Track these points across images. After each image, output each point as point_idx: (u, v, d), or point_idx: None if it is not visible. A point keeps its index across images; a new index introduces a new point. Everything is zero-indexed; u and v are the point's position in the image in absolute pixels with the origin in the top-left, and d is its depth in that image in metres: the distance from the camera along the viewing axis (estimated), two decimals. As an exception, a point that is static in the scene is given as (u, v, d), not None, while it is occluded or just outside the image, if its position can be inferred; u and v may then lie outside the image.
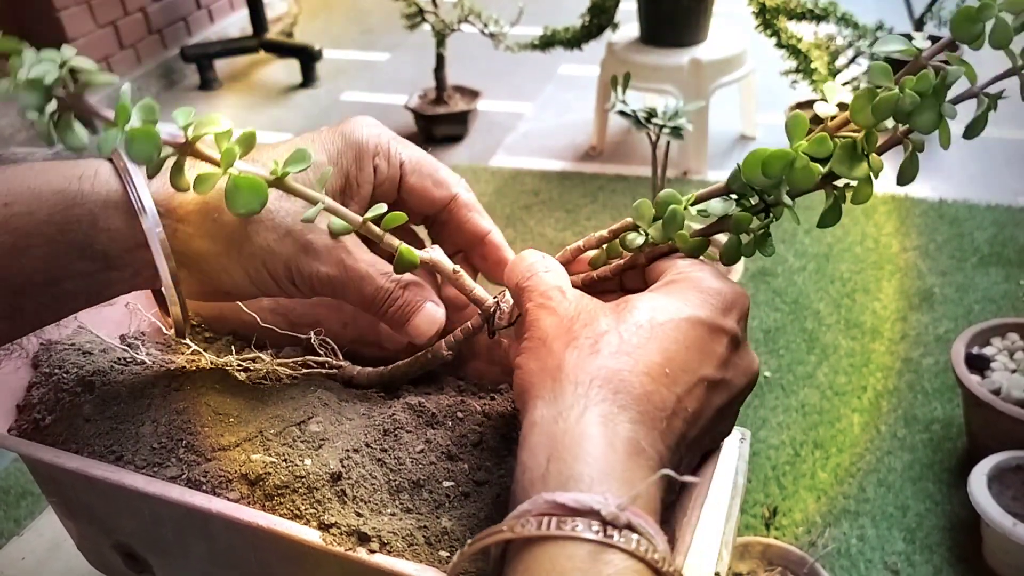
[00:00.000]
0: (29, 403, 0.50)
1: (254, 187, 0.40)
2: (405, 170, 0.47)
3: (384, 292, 0.45)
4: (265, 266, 0.44)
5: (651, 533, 0.33)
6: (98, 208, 0.41)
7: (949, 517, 1.57)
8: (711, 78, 2.56)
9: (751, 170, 0.41)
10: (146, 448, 0.45)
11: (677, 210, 0.44)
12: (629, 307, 0.40)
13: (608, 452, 0.35)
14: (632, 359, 0.37)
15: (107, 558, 0.54)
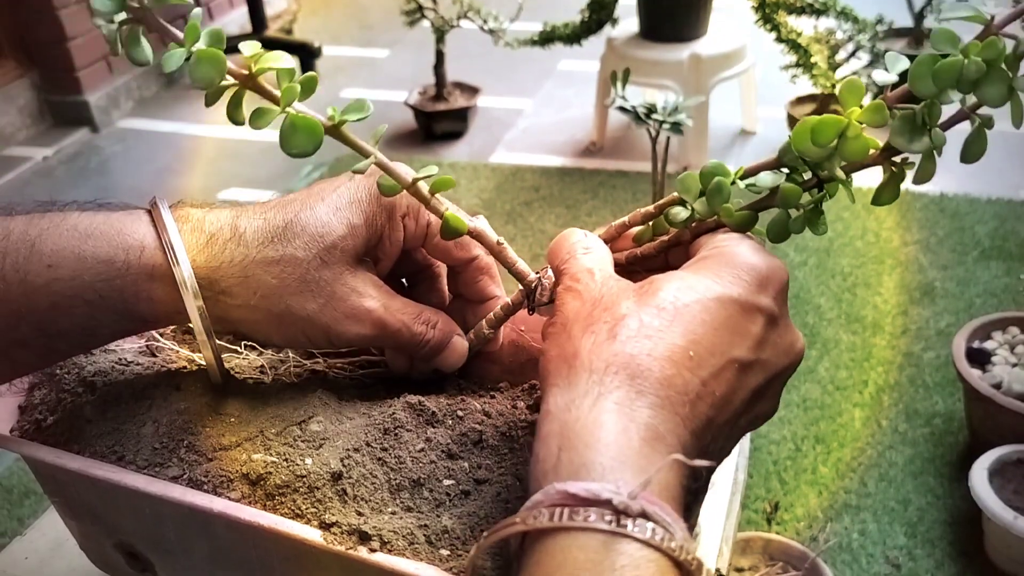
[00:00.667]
0: (31, 403, 0.50)
1: (311, 128, 0.40)
2: (431, 231, 0.49)
3: (419, 337, 0.48)
4: (305, 334, 0.46)
5: (668, 521, 0.32)
6: (142, 280, 0.43)
7: (950, 511, 1.57)
8: (711, 73, 2.56)
9: (801, 139, 0.39)
10: (147, 448, 0.46)
11: (723, 183, 0.42)
12: (653, 288, 0.38)
13: (622, 439, 0.34)
14: (652, 343, 0.36)
15: (109, 557, 0.54)
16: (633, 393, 0.35)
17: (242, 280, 0.44)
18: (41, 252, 0.42)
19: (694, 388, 0.36)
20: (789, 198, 0.41)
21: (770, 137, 2.85)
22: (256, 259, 0.44)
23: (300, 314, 0.44)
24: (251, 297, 0.44)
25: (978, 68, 0.35)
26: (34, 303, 0.42)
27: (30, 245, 0.42)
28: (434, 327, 0.49)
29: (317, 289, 0.44)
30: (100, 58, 3.16)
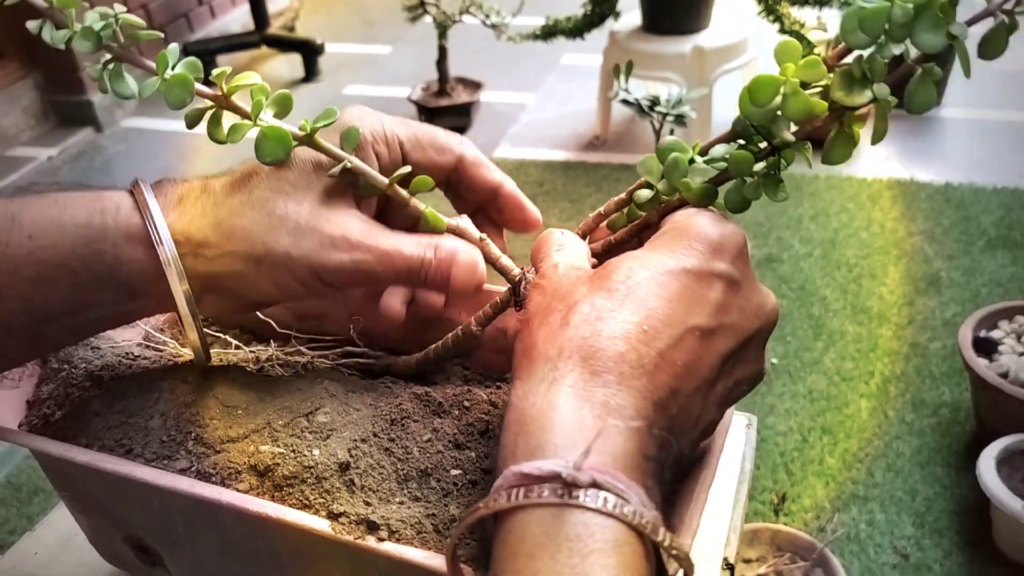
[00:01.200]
0: (39, 399, 0.50)
1: (280, 138, 0.42)
2: (406, 149, 0.47)
3: (416, 260, 0.45)
4: (289, 272, 0.44)
5: (620, 488, 0.32)
6: (120, 241, 0.42)
7: (958, 501, 1.57)
8: (714, 65, 2.55)
9: (744, 102, 0.39)
10: (155, 441, 0.46)
11: (679, 158, 0.43)
12: (606, 272, 0.39)
13: (576, 418, 0.34)
14: (603, 323, 0.36)
15: (118, 551, 0.54)
16: (587, 374, 0.35)
17: (215, 227, 0.43)
18: (22, 224, 0.42)
19: (650, 360, 0.36)
20: (741, 166, 0.41)
21: (774, 129, 2.84)
22: (225, 204, 0.44)
23: (278, 251, 0.43)
24: (226, 243, 0.43)
25: (904, 12, 0.34)
26: (17, 277, 0.41)
27: (11, 219, 0.42)
28: (432, 247, 0.46)
29: (287, 223, 0.43)
30: (103, 57, 3.16)
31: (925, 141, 2.73)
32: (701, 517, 0.40)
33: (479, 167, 0.49)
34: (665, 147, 0.43)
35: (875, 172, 2.56)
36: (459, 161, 0.48)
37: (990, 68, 3.14)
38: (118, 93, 0.42)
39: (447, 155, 0.48)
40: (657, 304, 0.37)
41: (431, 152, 0.47)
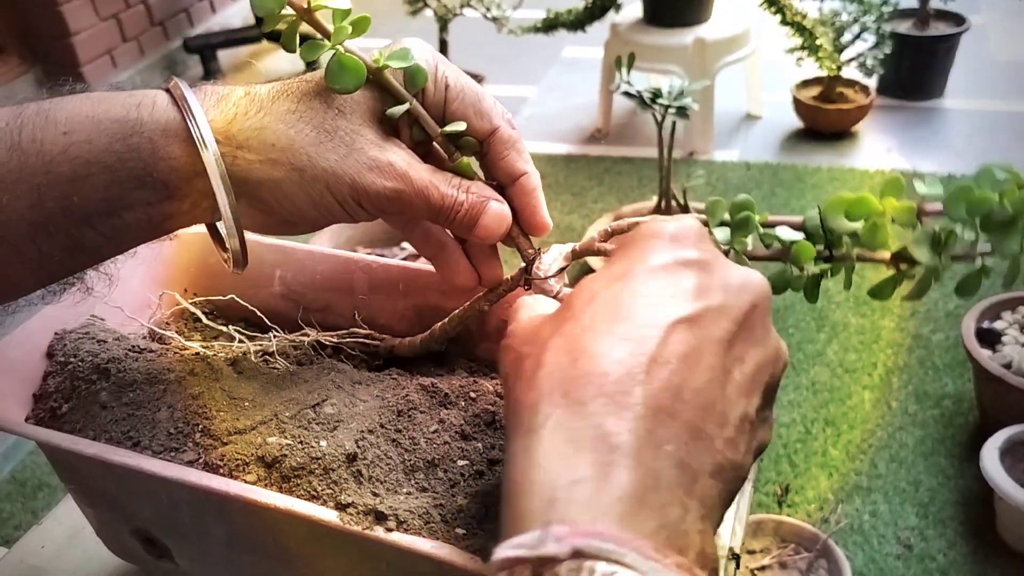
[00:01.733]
0: (45, 392, 0.51)
1: (355, 69, 0.43)
2: (449, 95, 0.46)
3: (450, 199, 0.45)
4: (329, 189, 0.43)
5: (610, 550, 0.28)
6: (157, 136, 0.41)
7: (962, 491, 1.57)
8: (716, 57, 2.55)
9: (835, 209, 0.42)
10: (163, 433, 0.46)
11: (752, 218, 0.44)
12: (570, 299, 0.37)
13: (560, 470, 0.30)
14: (579, 347, 0.34)
15: (126, 544, 0.55)
16: (572, 408, 0.32)
17: (258, 132, 0.42)
18: (56, 120, 0.41)
19: (640, 367, 0.32)
20: (801, 256, 0.43)
21: (776, 121, 2.84)
22: (271, 110, 0.43)
23: (322, 165, 0.42)
24: (270, 150, 0.42)
25: (1005, 214, 0.39)
26: (54, 175, 0.40)
27: (44, 116, 0.41)
28: (467, 190, 0.46)
29: (336, 138, 0.43)
30: (104, 53, 3.16)
31: (927, 132, 2.72)
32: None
33: (510, 148, 0.48)
34: (740, 203, 0.45)
35: (877, 164, 2.56)
36: (493, 133, 0.47)
37: (992, 59, 3.13)
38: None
39: (484, 121, 0.47)
40: (631, 310, 0.34)
41: (471, 111, 0.46)
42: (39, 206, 0.40)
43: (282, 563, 0.47)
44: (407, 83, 0.45)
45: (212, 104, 0.43)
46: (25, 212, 0.40)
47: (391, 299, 0.57)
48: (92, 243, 0.43)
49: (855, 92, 2.71)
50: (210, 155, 0.41)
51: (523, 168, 0.48)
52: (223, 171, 0.41)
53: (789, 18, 2.42)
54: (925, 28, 2.77)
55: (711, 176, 2.54)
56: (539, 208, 0.49)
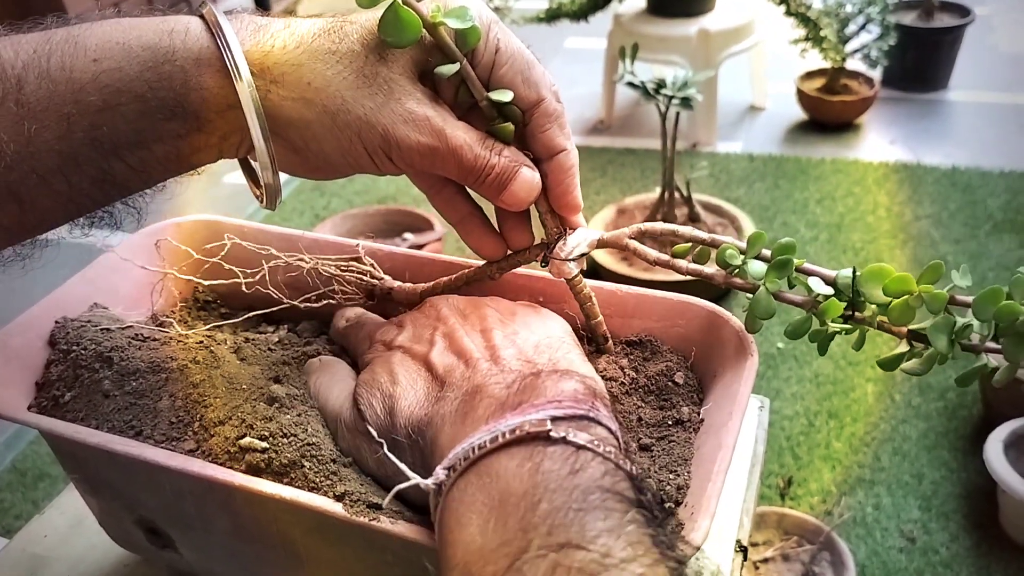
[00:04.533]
0: (48, 380, 0.50)
1: (412, 23, 0.41)
2: (499, 58, 0.45)
3: (482, 160, 0.44)
4: (360, 137, 0.42)
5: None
6: (189, 65, 0.40)
7: (965, 484, 1.56)
8: (719, 48, 2.53)
9: (872, 278, 0.43)
10: (164, 423, 0.45)
11: (791, 261, 0.45)
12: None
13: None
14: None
15: (129, 533, 0.54)
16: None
17: (295, 68, 0.41)
18: (86, 47, 0.39)
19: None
20: (828, 313, 0.44)
21: (780, 113, 2.83)
22: (311, 47, 0.41)
23: (357, 112, 0.41)
24: (305, 89, 0.41)
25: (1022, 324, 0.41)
26: (83, 104, 0.39)
27: (73, 43, 0.39)
28: (500, 153, 0.45)
29: (375, 85, 0.42)
30: (105, 42, 3.15)
31: (931, 124, 2.71)
32: (719, 500, 0.39)
33: (552, 122, 0.47)
34: (784, 245, 0.45)
35: (881, 156, 2.55)
36: (538, 104, 0.46)
37: (997, 51, 3.12)
38: None
39: (531, 90, 0.46)
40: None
41: (519, 78, 0.45)
42: (68, 136, 0.39)
43: (287, 553, 0.47)
44: (459, 42, 0.44)
45: (249, 34, 0.41)
46: (54, 143, 0.39)
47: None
48: (121, 175, 0.41)
49: (859, 84, 2.70)
50: (244, 86, 0.40)
51: (563, 144, 0.47)
52: (258, 104, 0.40)
53: (793, 9, 2.41)
54: (930, 19, 2.75)
55: (714, 168, 2.53)
56: (572, 187, 0.48)
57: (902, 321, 0.43)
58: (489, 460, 0.35)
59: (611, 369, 0.49)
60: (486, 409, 0.37)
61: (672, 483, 0.43)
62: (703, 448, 0.44)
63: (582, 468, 0.33)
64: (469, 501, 0.34)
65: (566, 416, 0.36)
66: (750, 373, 0.47)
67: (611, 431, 0.37)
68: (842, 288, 0.44)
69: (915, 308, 0.43)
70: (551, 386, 0.37)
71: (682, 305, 0.52)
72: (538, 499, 0.32)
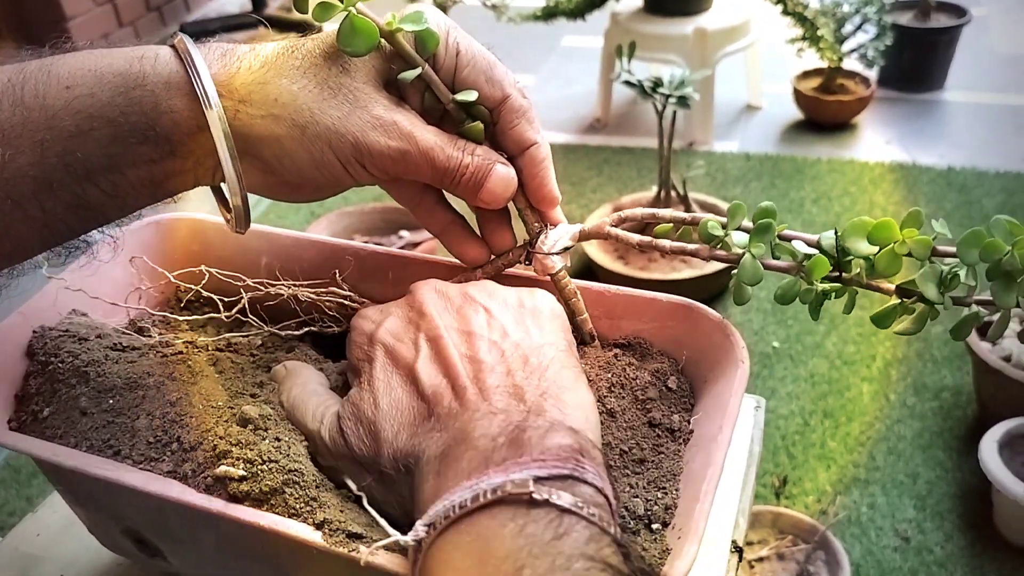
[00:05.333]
0: (27, 393, 0.49)
1: (367, 31, 0.42)
2: (460, 61, 0.46)
3: (455, 160, 0.45)
4: (331, 147, 0.42)
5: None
6: (159, 89, 0.41)
7: (959, 484, 1.57)
8: (716, 47, 2.53)
9: (855, 233, 0.42)
10: (142, 443, 0.44)
11: (772, 224, 0.44)
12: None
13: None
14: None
15: (119, 541, 0.54)
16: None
17: (261, 86, 0.42)
18: (59, 75, 0.40)
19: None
20: (815, 271, 0.44)
21: (776, 112, 2.83)
22: (275, 65, 0.42)
23: (325, 122, 0.42)
24: (272, 105, 0.42)
25: (1012, 264, 0.40)
26: (57, 130, 0.39)
27: (47, 71, 0.40)
28: (472, 152, 0.45)
29: (341, 95, 0.42)
30: (100, 38, 3.14)
31: (927, 124, 2.71)
32: (707, 520, 0.39)
33: (520, 117, 0.47)
34: (763, 210, 0.45)
35: (877, 156, 2.55)
36: (504, 101, 0.47)
37: (994, 51, 3.12)
38: None
39: (496, 89, 0.46)
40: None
41: (482, 78, 0.46)
42: (42, 162, 0.39)
43: (274, 568, 0.46)
44: (418, 47, 0.44)
45: (216, 58, 0.42)
46: (28, 168, 0.39)
47: (381, 286, 0.56)
48: (95, 201, 0.42)
49: (856, 83, 2.70)
50: (213, 109, 0.40)
51: (533, 138, 0.47)
52: (226, 125, 0.41)
53: (790, 8, 2.41)
54: (926, 20, 2.75)
55: (711, 167, 2.53)
56: (548, 179, 0.48)
57: (889, 272, 0.42)
58: (471, 519, 0.33)
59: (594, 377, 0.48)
60: (469, 463, 0.36)
61: (660, 502, 0.42)
62: (692, 463, 0.44)
63: (566, 533, 0.32)
64: (448, 560, 0.33)
65: (550, 476, 0.34)
66: (741, 382, 0.46)
67: (598, 489, 0.35)
68: (826, 249, 0.44)
69: (901, 257, 0.42)
70: (536, 442, 0.35)
71: (672, 307, 0.51)
72: (521, 564, 0.31)
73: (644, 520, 0.41)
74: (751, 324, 1.96)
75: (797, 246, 0.44)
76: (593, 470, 0.36)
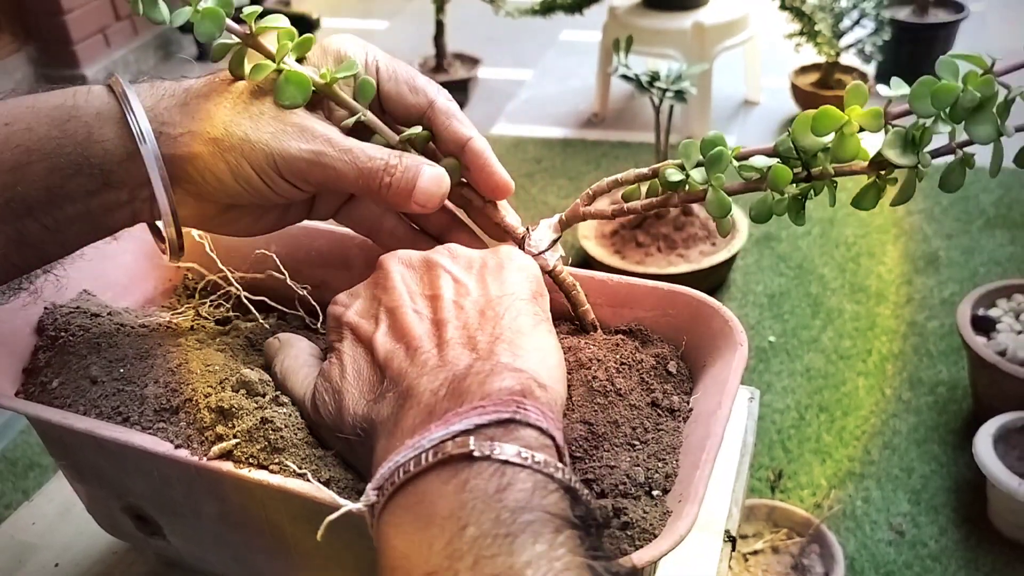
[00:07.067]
0: (36, 366, 0.50)
1: (301, 83, 0.43)
2: (381, 77, 0.47)
3: (380, 163, 0.44)
4: (245, 157, 0.43)
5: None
6: (91, 119, 0.42)
7: (954, 478, 1.57)
8: (714, 42, 2.53)
9: (802, 127, 0.41)
10: (151, 409, 0.45)
11: (723, 152, 0.44)
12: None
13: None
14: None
15: (117, 520, 0.54)
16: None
17: (181, 108, 0.43)
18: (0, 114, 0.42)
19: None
20: (779, 180, 0.43)
21: (773, 107, 2.83)
22: (193, 90, 0.44)
23: (237, 133, 0.43)
24: (189, 123, 0.43)
25: (972, 99, 0.38)
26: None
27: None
28: (400, 156, 0.45)
29: (254, 107, 0.43)
30: (97, 31, 3.13)
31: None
32: (707, 486, 0.39)
33: (450, 118, 0.47)
34: (710, 139, 0.44)
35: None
36: (430, 106, 0.47)
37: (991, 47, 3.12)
38: (151, 18, 0.43)
39: (420, 97, 0.47)
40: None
41: (404, 88, 0.47)
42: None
43: (275, 540, 0.46)
44: (357, 94, 0.45)
45: (144, 89, 0.44)
46: None
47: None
48: (36, 237, 0.43)
49: (853, 79, 2.70)
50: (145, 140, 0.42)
51: (468, 133, 0.48)
52: (155, 147, 0.42)
53: (788, 3, 2.41)
54: (924, 15, 2.75)
55: (708, 162, 2.53)
56: (495, 167, 0.48)
57: (849, 154, 0.41)
58: (416, 481, 0.34)
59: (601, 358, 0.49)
60: (414, 419, 0.36)
61: (660, 471, 0.43)
62: (692, 437, 0.44)
63: (510, 484, 0.32)
64: (397, 523, 0.33)
65: (491, 422, 0.34)
66: (740, 363, 0.47)
67: (542, 430, 0.35)
68: (785, 154, 0.43)
69: (854, 137, 0.41)
70: (475, 388, 0.35)
71: (672, 294, 0.52)
72: (464, 523, 0.31)
73: (645, 487, 0.42)
74: (747, 319, 1.96)
75: (756, 161, 0.44)
76: (536, 411, 0.35)
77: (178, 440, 0.43)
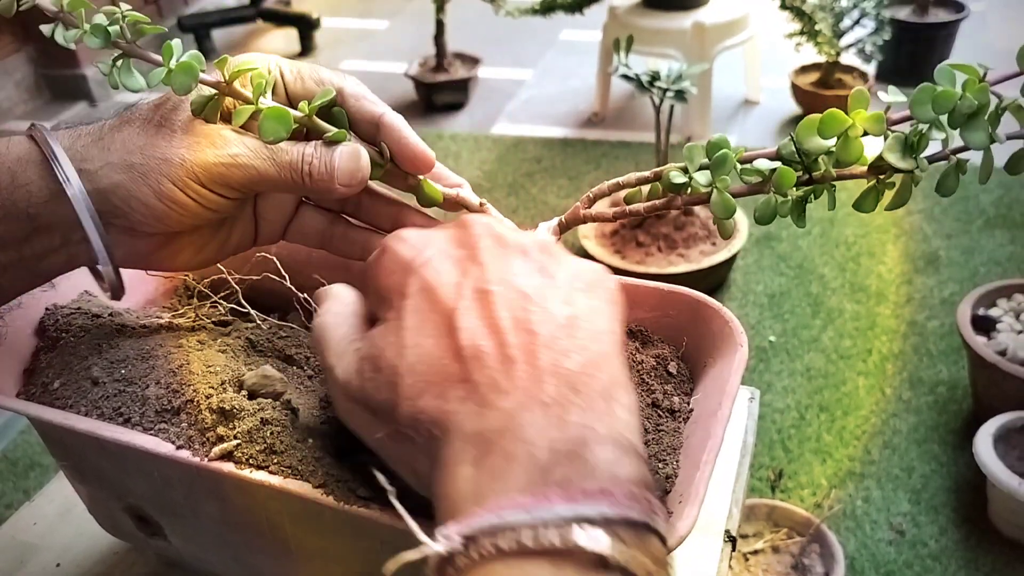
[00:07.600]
0: (37, 368, 0.50)
1: (282, 117, 0.44)
2: (287, 80, 0.47)
3: (297, 154, 0.44)
4: (164, 175, 0.43)
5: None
6: (13, 163, 0.42)
7: (954, 478, 1.57)
8: (714, 41, 2.53)
9: (807, 130, 0.42)
10: (152, 410, 0.45)
11: (728, 155, 0.44)
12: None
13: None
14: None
15: (118, 521, 0.54)
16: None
17: (96, 141, 0.43)
18: None
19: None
20: (783, 183, 0.43)
21: (773, 107, 2.83)
22: (109, 125, 0.44)
23: (154, 154, 0.43)
24: (107, 155, 0.43)
25: (970, 105, 0.40)
26: None
27: None
28: (313, 144, 0.45)
29: (166, 127, 0.43)
30: (97, 31, 3.13)
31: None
32: (708, 486, 0.39)
33: (360, 99, 0.47)
34: (715, 142, 0.45)
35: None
36: (339, 94, 0.47)
37: (991, 47, 3.12)
38: (128, 87, 0.44)
39: (327, 87, 0.47)
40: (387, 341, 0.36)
41: (311, 83, 0.47)
42: None
43: (275, 541, 0.47)
44: (336, 122, 0.46)
45: (63, 131, 0.44)
46: None
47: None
48: None
49: (853, 78, 2.70)
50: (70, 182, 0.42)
51: (379, 109, 0.47)
52: (79, 184, 0.42)
53: (788, 3, 2.41)
54: (924, 15, 2.75)
55: (708, 161, 2.53)
56: (411, 137, 0.47)
57: (852, 157, 0.42)
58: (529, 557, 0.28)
59: None
60: (522, 469, 0.30)
61: (661, 472, 0.43)
62: (692, 438, 0.44)
63: None
64: None
65: (621, 519, 0.29)
66: (740, 364, 0.47)
67: (663, 541, 0.30)
68: (788, 157, 0.44)
69: (859, 140, 0.42)
70: (603, 464, 0.30)
71: (673, 295, 0.52)
72: None
73: None
74: (747, 319, 1.96)
75: (760, 164, 0.45)
76: (663, 513, 0.31)
77: (179, 441, 0.43)
